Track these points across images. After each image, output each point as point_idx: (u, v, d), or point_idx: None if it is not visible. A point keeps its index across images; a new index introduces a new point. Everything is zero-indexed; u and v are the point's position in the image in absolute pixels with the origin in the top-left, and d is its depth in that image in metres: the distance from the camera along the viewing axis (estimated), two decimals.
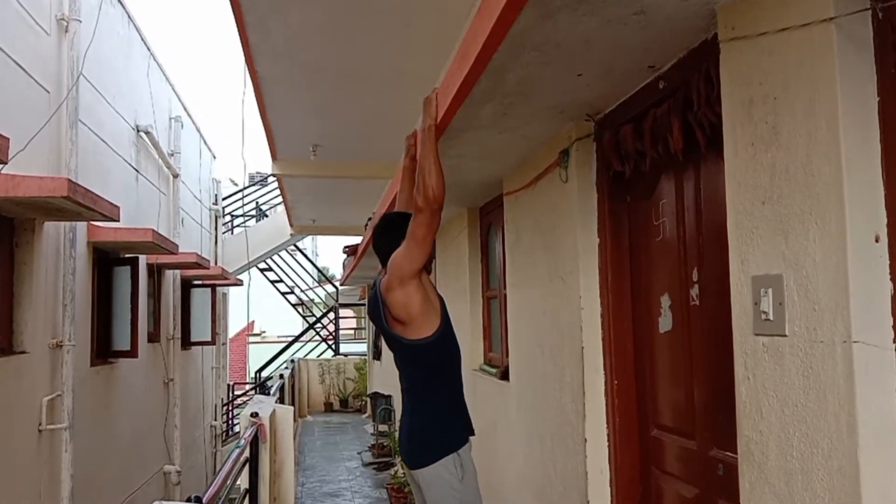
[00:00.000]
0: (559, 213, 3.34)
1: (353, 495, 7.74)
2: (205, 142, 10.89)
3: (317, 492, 7.92)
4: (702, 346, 2.47)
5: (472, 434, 2.71)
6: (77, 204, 3.96)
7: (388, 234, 2.76)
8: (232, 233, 13.45)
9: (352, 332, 20.40)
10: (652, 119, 2.56)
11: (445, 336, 2.64)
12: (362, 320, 19.26)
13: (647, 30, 2.19)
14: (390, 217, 2.86)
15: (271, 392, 7.36)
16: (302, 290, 16.96)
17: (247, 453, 3.89)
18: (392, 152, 5.20)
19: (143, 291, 6.66)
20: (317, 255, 22.07)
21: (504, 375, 4.47)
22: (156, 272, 7.38)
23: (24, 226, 4.45)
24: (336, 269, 21.65)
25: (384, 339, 2.81)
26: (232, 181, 14.91)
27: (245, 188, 14.28)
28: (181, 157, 8.52)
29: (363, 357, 15.75)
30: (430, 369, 2.65)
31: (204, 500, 2.25)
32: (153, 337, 7.42)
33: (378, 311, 2.67)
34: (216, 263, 10.81)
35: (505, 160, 3.85)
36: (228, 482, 2.93)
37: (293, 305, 16.94)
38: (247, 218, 14.26)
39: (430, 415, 2.64)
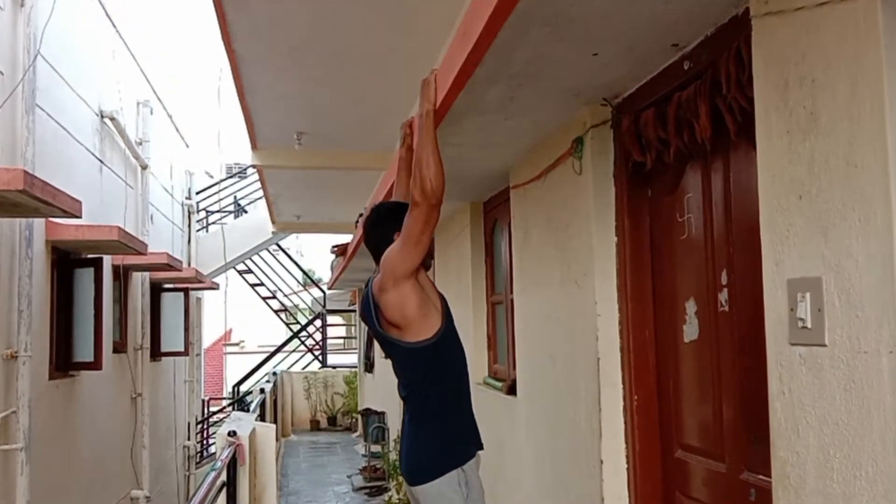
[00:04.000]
0: (572, 208, 3.34)
1: None
2: (177, 129, 10.90)
3: None
4: (731, 357, 2.47)
5: (481, 448, 2.71)
6: (34, 198, 3.96)
7: (381, 227, 2.77)
8: (207, 231, 13.46)
9: (341, 341, 20.39)
10: (676, 103, 2.56)
11: (447, 338, 2.66)
12: (352, 328, 19.27)
13: (671, 3, 2.19)
14: (383, 207, 2.87)
15: (251, 408, 7.37)
16: (285, 295, 16.95)
17: (223, 477, 3.90)
18: (386, 141, 5.20)
19: (107, 296, 6.66)
20: (302, 255, 22.06)
21: (511, 390, 4.47)
22: (122, 275, 7.38)
23: None
24: (323, 271, 21.63)
25: (379, 343, 2.83)
26: (207, 173, 14.91)
27: (222, 181, 14.29)
28: (150, 146, 8.52)
29: (353, 369, 15.76)
30: (431, 375, 2.65)
31: None
32: (119, 347, 7.42)
33: (371, 314, 2.69)
34: (190, 265, 10.81)
35: (512, 149, 3.85)
36: None
37: (275, 312, 16.93)
38: (224, 214, 14.27)
39: (432, 426, 2.65)
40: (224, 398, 17.98)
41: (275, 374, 13.46)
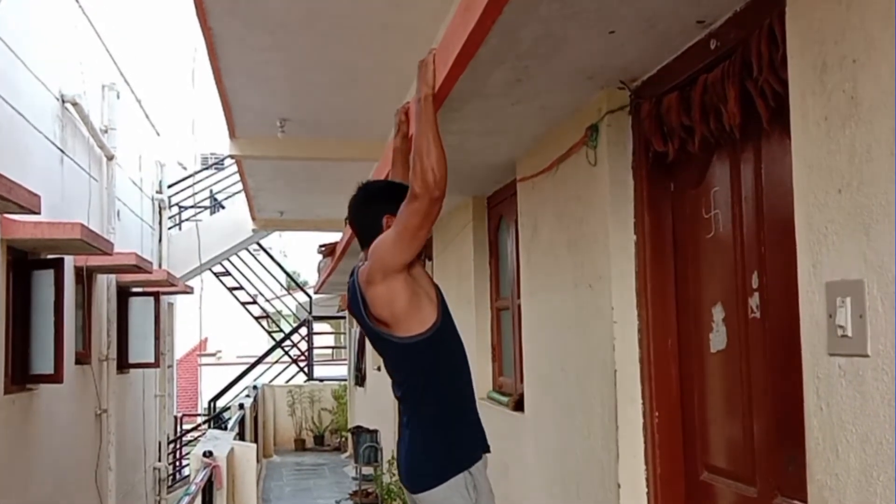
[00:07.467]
0: (586, 203, 3.35)
1: None
2: (147, 116, 10.91)
3: None
4: (763, 368, 2.47)
5: (487, 451, 2.72)
6: None
7: (370, 209, 2.80)
8: (180, 228, 13.48)
9: (329, 351, 20.40)
10: (702, 87, 2.56)
11: (444, 333, 2.67)
12: (341, 337, 19.28)
13: None
14: (373, 186, 2.88)
15: (229, 426, 7.38)
16: (267, 300, 16.96)
17: (198, 502, 3.90)
18: (378, 128, 5.20)
19: (69, 301, 6.66)
20: (285, 256, 22.10)
21: (518, 405, 4.47)
22: (85, 277, 7.38)
23: None
24: (309, 273, 21.66)
25: (369, 338, 2.84)
26: (180, 164, 14.92)
27: (196, 173, 14.29)
28: (117, 134, 8.52)
29: (343, 383, 15.77)
30: (429, 373, 2.67)
31: None
32: (82, 358, 7.42)
33: (359, 306, 2.70)
34: (160, 266, 10.82)
35: (519, 138, 3.85)
36: None
37: (256, 318, 16.93)
38: (199, 210, 14.27)
39: (433, 427, 2.66)
40: (199, 415, 17.99)
41: (255, 387, 13.47)
